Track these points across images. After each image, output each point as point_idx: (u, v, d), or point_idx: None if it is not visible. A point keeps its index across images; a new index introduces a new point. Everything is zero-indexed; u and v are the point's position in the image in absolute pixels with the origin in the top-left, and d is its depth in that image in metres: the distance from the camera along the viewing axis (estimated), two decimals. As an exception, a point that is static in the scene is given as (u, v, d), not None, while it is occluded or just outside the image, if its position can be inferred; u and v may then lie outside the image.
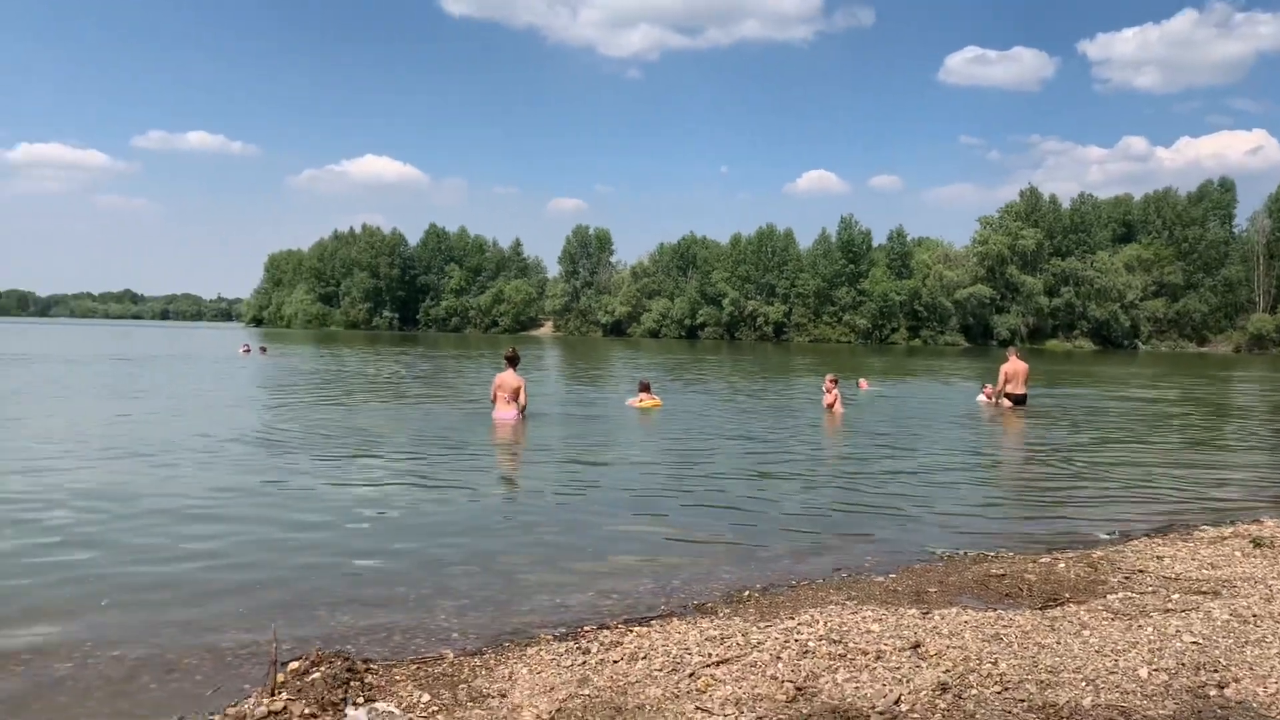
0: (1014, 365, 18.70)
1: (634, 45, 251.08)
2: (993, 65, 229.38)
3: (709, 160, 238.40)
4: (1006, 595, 5.59)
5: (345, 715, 3.61)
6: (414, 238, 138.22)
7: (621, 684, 3.95)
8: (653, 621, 4.94)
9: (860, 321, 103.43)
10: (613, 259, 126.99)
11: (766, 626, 4.69)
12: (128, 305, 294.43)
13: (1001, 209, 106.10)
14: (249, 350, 40.33)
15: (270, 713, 3.60)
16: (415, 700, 3.80)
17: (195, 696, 3.97)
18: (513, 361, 14.35)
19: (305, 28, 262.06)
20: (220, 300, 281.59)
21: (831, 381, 16.99)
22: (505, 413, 14.06)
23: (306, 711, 3.61)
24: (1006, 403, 18.50)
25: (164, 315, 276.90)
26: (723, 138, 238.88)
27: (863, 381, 24.98)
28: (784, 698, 3.76)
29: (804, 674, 4.00)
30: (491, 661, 4.32)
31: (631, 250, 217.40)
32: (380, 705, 3.72)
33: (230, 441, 11.57)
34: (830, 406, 16.63)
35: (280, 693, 3.76)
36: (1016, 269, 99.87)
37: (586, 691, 3.87)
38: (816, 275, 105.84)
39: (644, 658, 4.25)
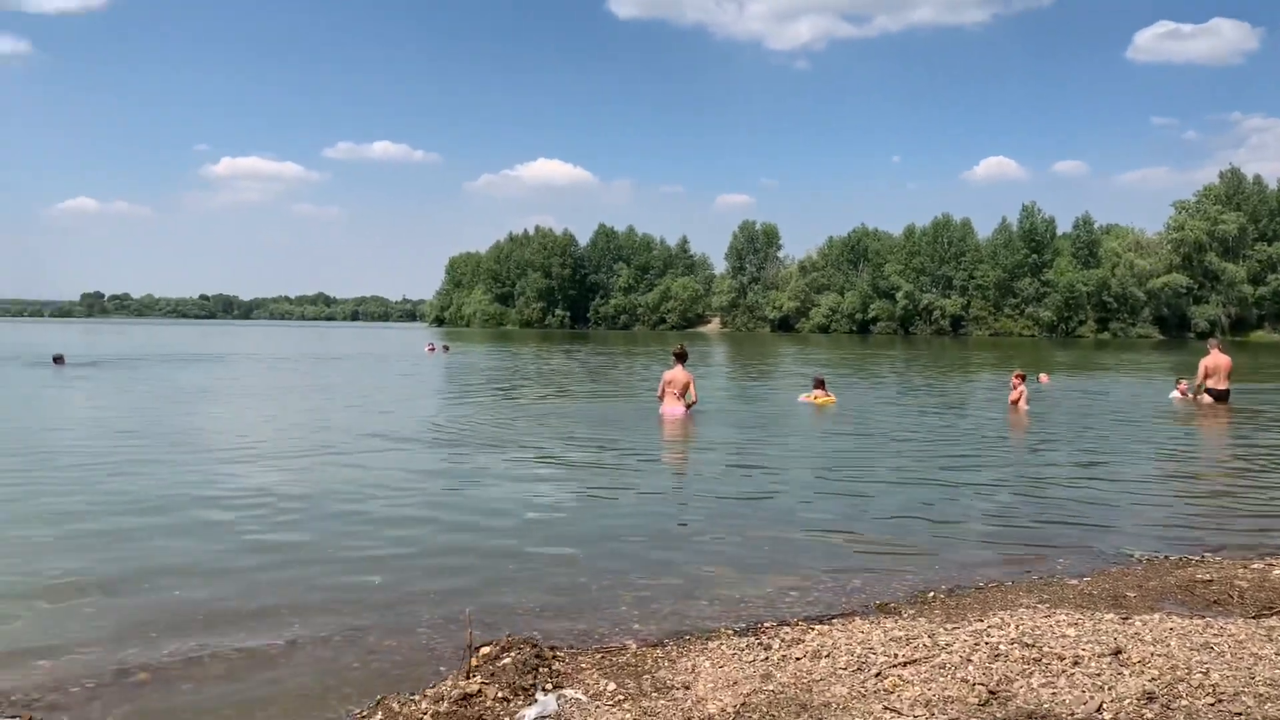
0: (1215, 358, 17.44)
1: (801, 37, 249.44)
2: (1188, 40, 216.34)
3: (880, 150, 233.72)
4: (1215, 602, 5.25)
5: (535, 700, 3.73)
6: (584, 238, 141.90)
7: (805, 681, 3.93)
8: (834, 620, 4.88)
9: (1044, 314, 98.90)
10: (780, 254, 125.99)
11: (954, 628, 4.56)
12: (321, 307, 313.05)
13: (1199, 192, 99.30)
14: (434, 349, 42.19)
15: (465, 694, 3.76)
16: (601, 688, 3.89)
17: (395, 677, 4.19)
18: (681, 358, 14.44)
19: (479, 38, 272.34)
20: (405, 302, 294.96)
21: (1018, 378, 16.33)
22: (674, 409, 14.17)
23: (499, 695, 3.75)
24: (1207, 399, 17.28)
25: (354, 316, 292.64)
26: (894, 127, 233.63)
27: (1043, 376, 24.00)
28: (976, 701, 3.65)
29: (996, 677, 3.87)
30: (674, 653, 4.37)
31: (799, 244, 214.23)
32: (568, 692, 3.82)
33: (415, 440, 12.14)
34: (1015, 403, 15.99)
35: (474, 676, 3.92)
36: (1216, 256, 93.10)
37: (770, 687, 3.87)
38: (997, 266, 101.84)
39: (827, 656, 4.20)
